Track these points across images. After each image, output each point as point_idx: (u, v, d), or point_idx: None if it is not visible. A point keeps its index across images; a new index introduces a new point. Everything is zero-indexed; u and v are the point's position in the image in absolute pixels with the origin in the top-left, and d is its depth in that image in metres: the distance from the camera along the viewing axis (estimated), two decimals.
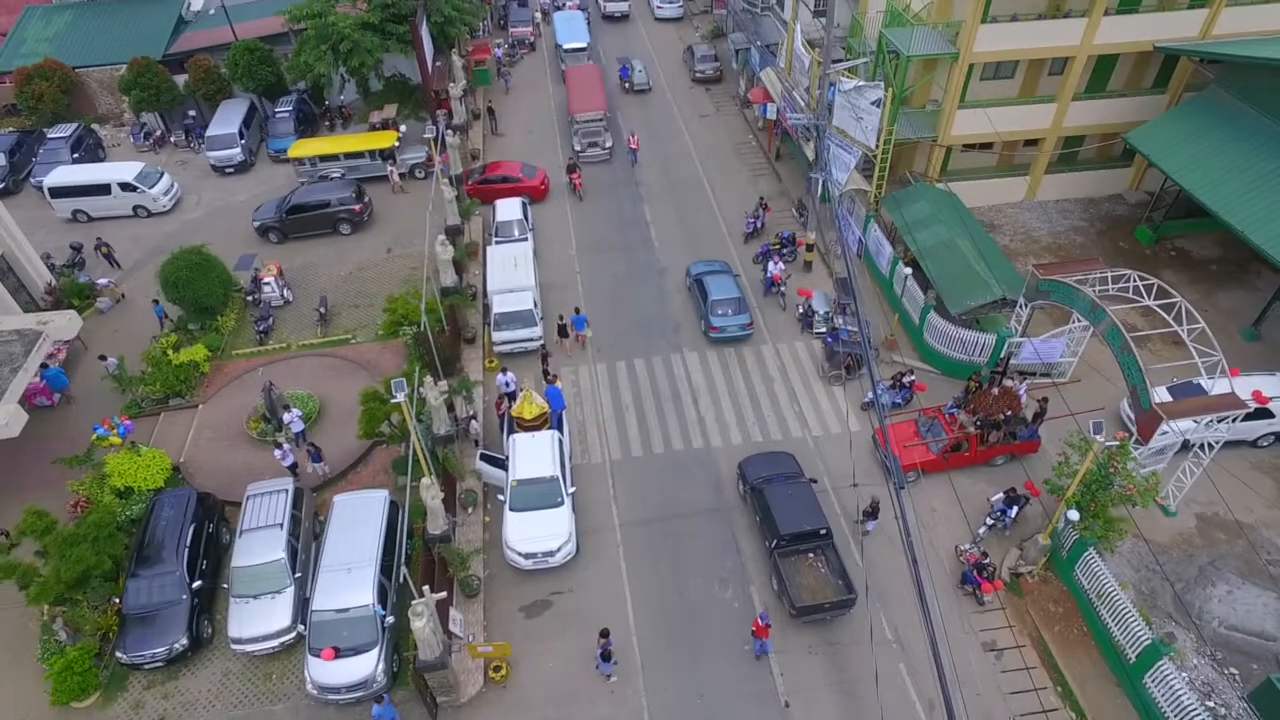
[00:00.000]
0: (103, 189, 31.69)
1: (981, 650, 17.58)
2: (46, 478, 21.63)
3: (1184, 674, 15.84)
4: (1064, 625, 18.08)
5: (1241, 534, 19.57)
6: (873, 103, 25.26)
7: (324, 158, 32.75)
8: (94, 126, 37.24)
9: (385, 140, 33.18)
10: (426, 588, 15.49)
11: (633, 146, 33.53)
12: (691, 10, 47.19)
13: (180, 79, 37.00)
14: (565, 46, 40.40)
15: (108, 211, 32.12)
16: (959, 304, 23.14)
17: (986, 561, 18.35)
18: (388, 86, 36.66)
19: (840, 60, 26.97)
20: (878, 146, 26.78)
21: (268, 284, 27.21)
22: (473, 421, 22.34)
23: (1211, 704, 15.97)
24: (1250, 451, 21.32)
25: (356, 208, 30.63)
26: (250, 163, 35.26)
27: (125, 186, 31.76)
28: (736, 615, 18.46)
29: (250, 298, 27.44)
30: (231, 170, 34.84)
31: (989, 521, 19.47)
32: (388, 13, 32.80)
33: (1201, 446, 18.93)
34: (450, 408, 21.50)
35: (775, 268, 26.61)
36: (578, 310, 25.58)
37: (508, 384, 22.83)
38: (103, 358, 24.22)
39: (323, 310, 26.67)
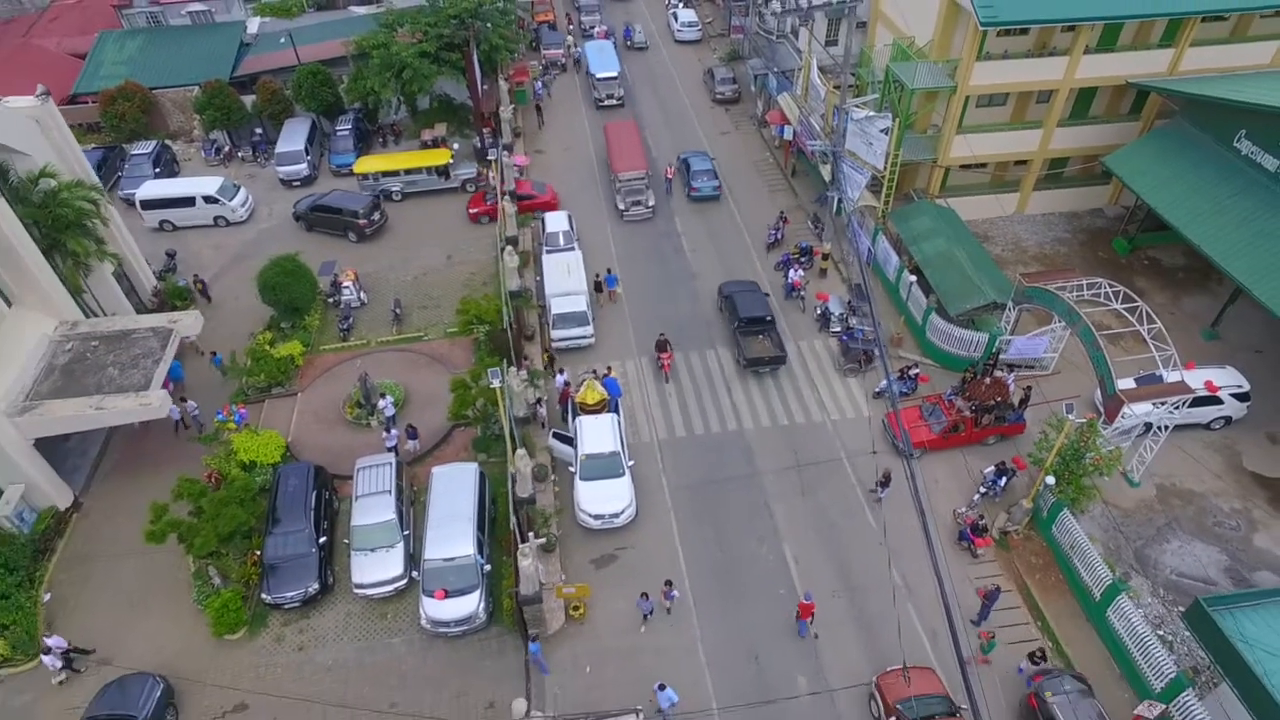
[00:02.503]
0: (188, 201, 35.23)
1: (975, 594, 21.24)
2: (171, 455, 25.29)
3: (1139, 609, 19.52)
4: (1043, 574, 21.79)
5: (1193, 501, 23.33)
6: (881, 130, 29.00)
7: (386, 173, 36.38)
8: (168, 143, 40.76)
9: (441, 157, 36.80)
10: (531, 534, 19.14)
11: (668, 177, 36.63)
12: (709, 33, 50.78)
13: (248, 99, 40.54)
14: (598, 75, 43.40)
15: (190, 221, 35.63)
16: (957, 306, 26.86)
17: (981, 522, 22.09)
18: (434, 106, 40.33)
19: (856, 97, 30.47)
20: (885, 168, 30.49)
21: (346, 288, 30.81)
22: (540, 406, 25.98)
23: (1161, 632, 19.64)
24: (1204, 433, 25.01)
25: (361, 221, 33.94)
26: (314, 176, 38.84)
27: (208, 199, 35.33)
28: (770, 566, 22.16)
29: (331, 300, 31.05)
30: (298, 183, 38.40)
31: (982, 490, 23.20)
32: (442, 42, 36.44)
33: (1160, 428, 22.66)
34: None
35: (795, 274, 30.33)
36: (609, 270, 31.07)
37: (565, 381, 26.53)
38: (209, 353, 27.84)
39: (398, 310, 30.31)
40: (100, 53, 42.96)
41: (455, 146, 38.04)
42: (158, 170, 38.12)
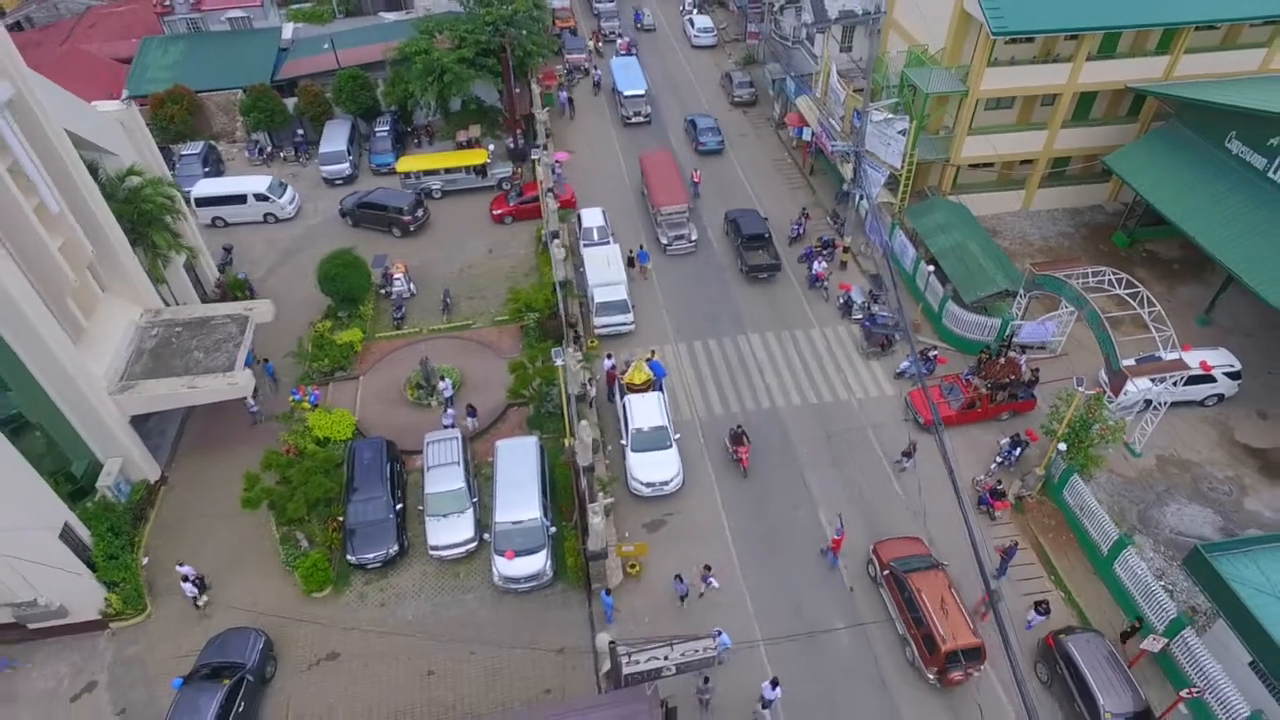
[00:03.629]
0: (239, 199, 37.18)
1: (995, 553, 23.39)
2: (241, 436, 27.29)
3: (1143, 561, 21.72)
4: (1055, 534, 24.00)
5: (1190, 469, 25.58)
6: (899, 131, 31.19)
7: (427, 172, 38.41)
8: (213, 143, 42.65)
9: (478, 157, 38.87)
10: (601, 493, 21.23)
11: (695, 180, 38.59)
12: (724, 38, 52.93)
13: (289, 102, 42.48)
14: (625, 93, 44.21)
15: (241, 218, 37.57)
16: (971, 294, 29.06)
17: (999, 487, 24.30)
18: (465, 108, 42.34)
19: (876, 102, 32.60)
20: (902, 167, 32.67)
21: (398, 279, 32.81)
22: (590, 386, 28.04)
23: (1162, 582, 21.83)
24: (1199, 409, 27.24)
25: (405, 218, 36.00)
26: (355, 175, 40.82)
27: (259, 196, 37.31)
28: (805, 528, 24.31)
29: (383, 291, 33.06)
30: (340, 182, 40.38)
31: (998, 459, 25.41)
32: (479, 48, 38.49)
33: (1160, 403, 24.89)
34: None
35: (819, 266, 32.51)
36: (641, 247, 34.53)
37: (611, 364, 28.62)
38: (261, 360, 29.67)
39: (447, 300, 32.34)
40: (145, 57, 44.81)
41: (491, 147, 40.08)
42: (206, 170, 40.04)
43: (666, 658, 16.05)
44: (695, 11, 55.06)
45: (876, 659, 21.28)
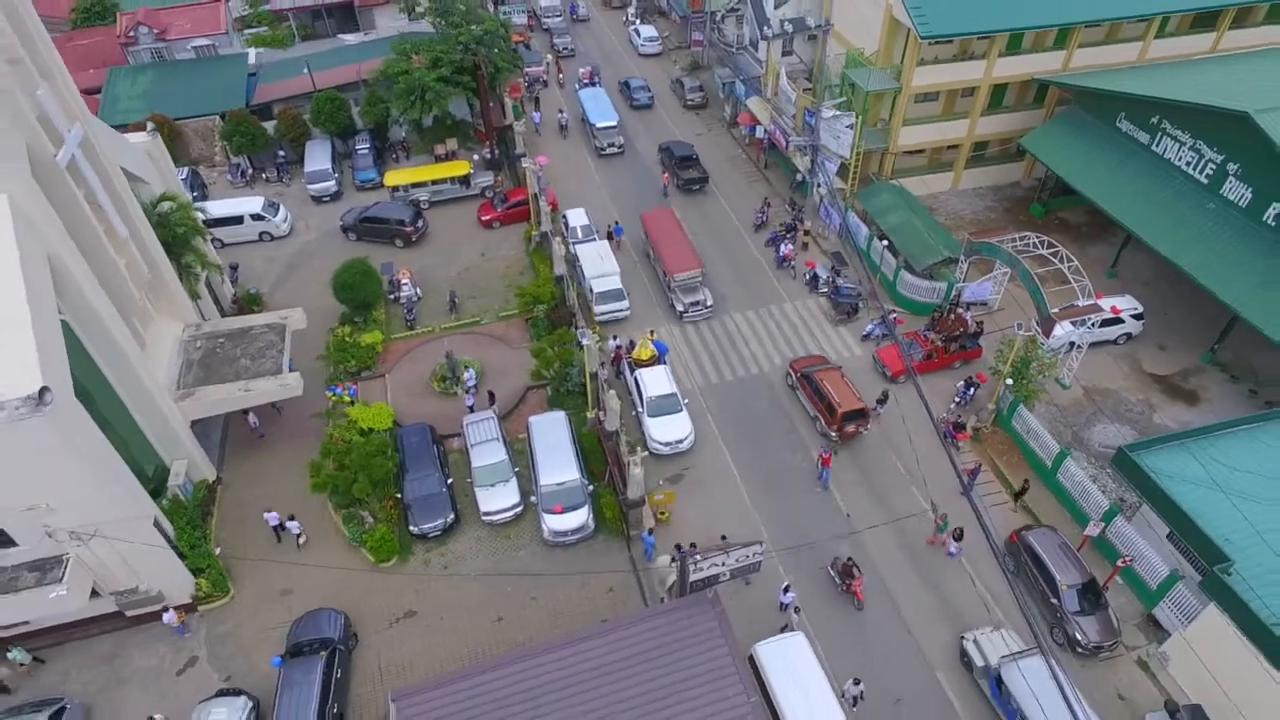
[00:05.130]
0: (236, 220, 39.05)
1: (965, 473, 27.80)
2: (278, 435, 29.69)
3: (1080, 469, 26.48)
4: (1008, 456, 28.68)
5: (1109, 396, 30.69)
6: (847, 126, 35.66)
7: (415, 185, 41.01)
8: (195, 169, 44.08)
9: (461, 168, 41.68)
10: (637, 447, 24.72)
11: (665, 182, 42.37)
12: (668, 46, 56.85)
13: (267, 125, 44.31)
14: (598, 125, 45.12)
15: (238, 238, 39.38)
16: (920, 263, 33.67)
17: (960, 421, 28.86)
18: (438, 124, 44.96)
19: (825, 101, 36.93)
20: (851, 156, 37.16)
21: (405, 284, 35.47)
22: (602, 366, 31.40)
23: (1098, 485, 26.64)
24: (1113, 347, 32.44)
25: (408, 229, 38.71)
26: (341, 192, 43.03)
27: (255, 217, 39.24)
28: (802, 469, 28.34)
29: (391, 296, 35.65)
30: (328, 199, 42.55)
31: (956, 400, 29.99)
32: (454, 67, 41.27)
33: (1081, 344, 29.87)
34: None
35: (785, 248, 36.70)
36: (616, 223, 39.10)
37: (617, 345, 32.09)
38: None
39: (454, 300, 35.18)
40: (115, 88, 45.78)
41: (475, 158, 42.91)
42: (195, 194, 41.51)
43: (723, 564, 19.69)
44: (638, 21, 58.85)
45: (874, 566, 25.43)
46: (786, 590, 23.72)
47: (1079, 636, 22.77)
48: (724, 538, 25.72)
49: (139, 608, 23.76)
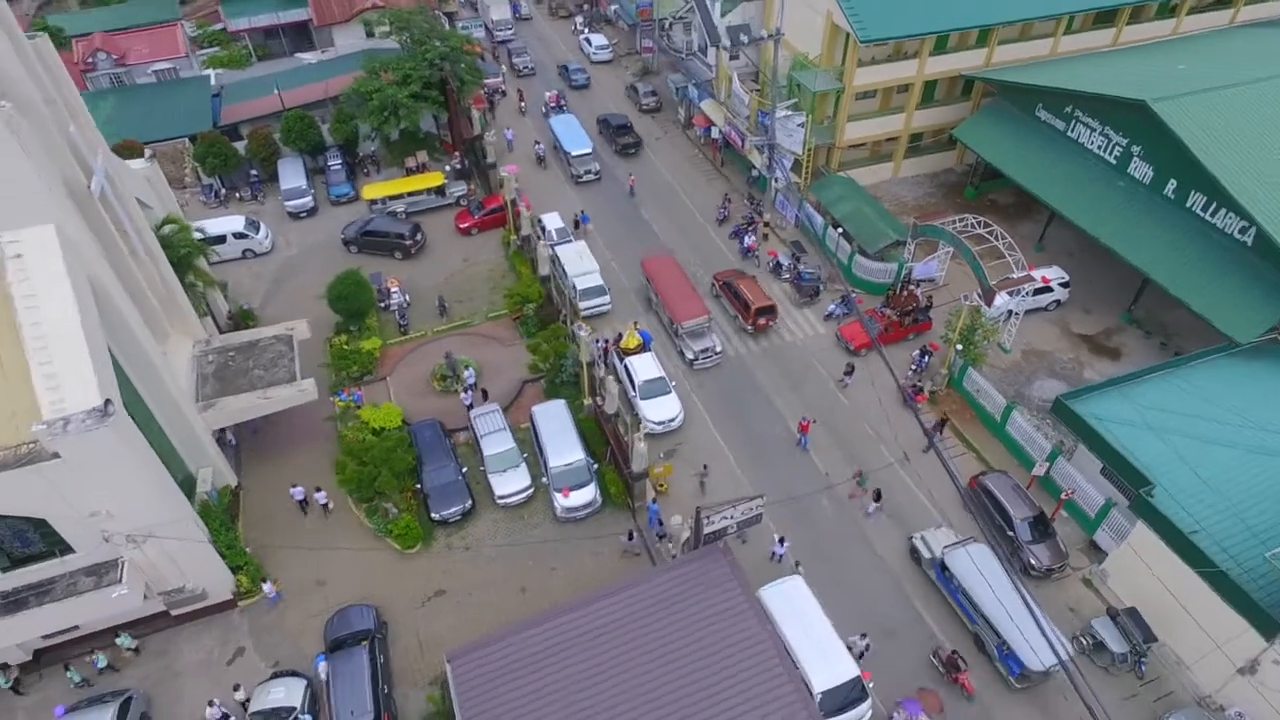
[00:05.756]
0: (220, 239, 40.13)
1: (920, 429, 31.24)
2: (289, 440, 31.32)
3: (1025, 420, 30.11)
4: (961, 414, 32.21)
5: (1045, 357, 34.55)
6: (798, 125, 38.87)
7: (392, 197, 42.71)
8: None
9: (436, 179, 43.55)
10: (639, 428, 27.31)
11: (631, 184, 44.87)
12: (618, 52, 59.45)
13: (238, 144, 45.34)
14: (573, 153, 45.31)
15: (221, 256, 40.43)
16: (872, 247, 37.09)
17: (919, 385, 32.28)
18: (408, 137, 46.65)
19: (777, 103, 40.00)
20: (803, 152, 40.40)
21: (394, 292, 37.28)
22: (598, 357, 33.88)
23: (1041, 432, 30.30)
24: (1044, 314, 36.35)
25: (408, 242, 40.54)
26: (317, 208, 44.40)
27: (238, 235, 40.44)
28: (782, 438, 31.35)
29: (382, 304, 37.40)
30: (305, 215, 43.90)
31: (913, 368, 33.42)
32: (423, 83, 43.09)
33: (1018, 312, 33.62)
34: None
35: (749, 240, 39.74)
36: (582, 212, 42.04)
37: (603, 344, 34.56)
38: None
39: (444, 305, 37.15)
40: None
41: (446, 169, 44.79)
42: None
43: (731, 516, 22.46)
44: (587, 30, 61.30)
45: (855, 521, 28.59)
46: (781, 542, 26.67)
47: (1033, 562, 26.32)
48: (705, 467, 29.02)
49: (185, 606, 25.34)
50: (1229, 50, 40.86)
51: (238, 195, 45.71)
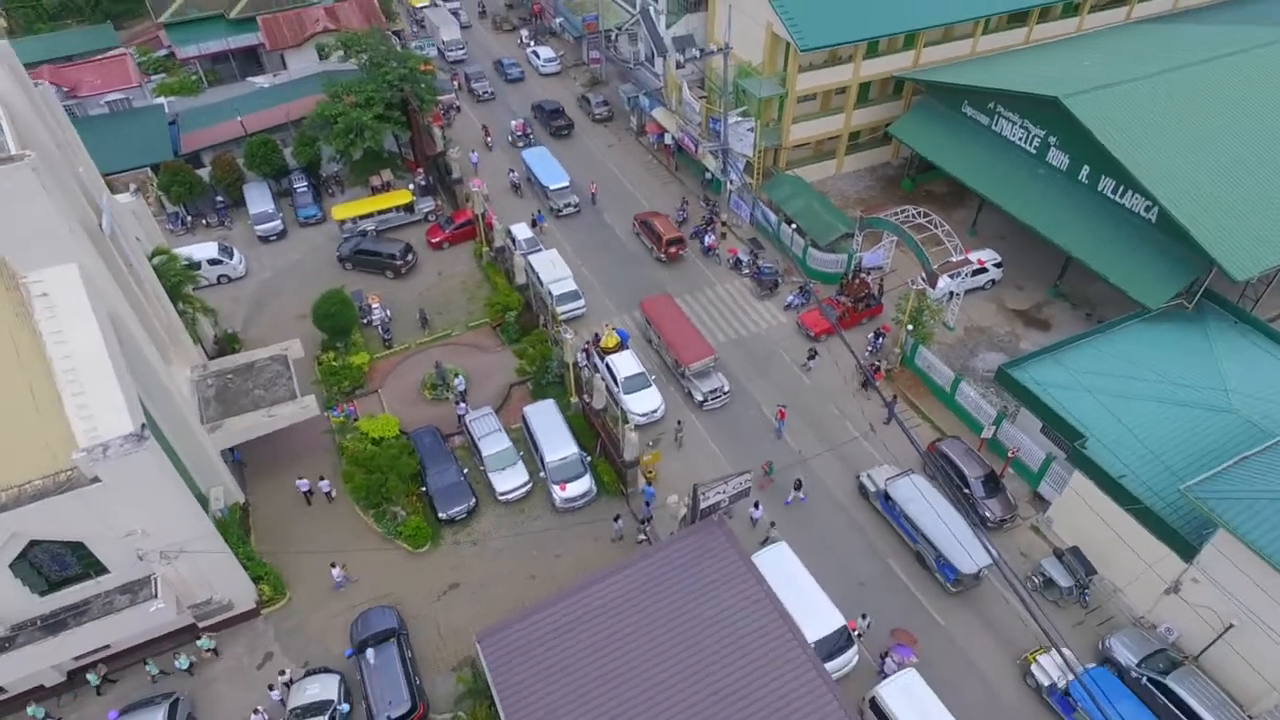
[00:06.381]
0: (195, 265, 40.82)
1: (879, 404, 34.27)
2: (289, 456, 32.62)
3: (972, 389, 33.38)
4: (915, 389, 35.39)
5: (985, 332, 38.04)
6: (748, 129, 41.64)
7: (362, 216, 43.98)
8: None
9: (404, 197, 44.97)
10: (629, 420, 29.54)
11: (593, 192, 47.08)
12: (566, 64, 61.45)
13: (202, 172, 45.93)
14: (551, 187, 45.54)
15: (197, 283, 41.14)
16: (824, 240, 40.10)
17: (876, 364, 35.35)
18: (371, 156, 47.87)
19: (728, 110, 42.67)
20: (754, 154, 43.19)
21: (376, 308, 38.73)
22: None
23: (986, 400, 33.57)
24: (982, 292, 39.91)
25: (399, 263, 41.96)
26: (286, 230, 45.34)
27: (212, 261, 41.24)
28: (757, 421, 34.03)
29: (364, 320, 38.79)
30: (274, 238, 44.81)
31: (869, 349, 36.50)
32: (385, 104, 44.46)
33: (958, 292, 36.99)
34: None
35: (710, 239, 42.36)
36: (539, 212, 45.14)
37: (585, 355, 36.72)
38: None
39: (424, 317, 38.76)
40: None
41: (412, 186, 46.23)
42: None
43: (724, 491, 24.94)
44: (534, 43, 63.14)
45: (829, 489, 31.43)
46: (756, 506, 29.34)
47: (987, 514, 29.54)
48: (679, 423, 32.37)
49: (212, 617, 26.61)
50: (1127, 46, 45.15)
51: (204, 222, 46.30)
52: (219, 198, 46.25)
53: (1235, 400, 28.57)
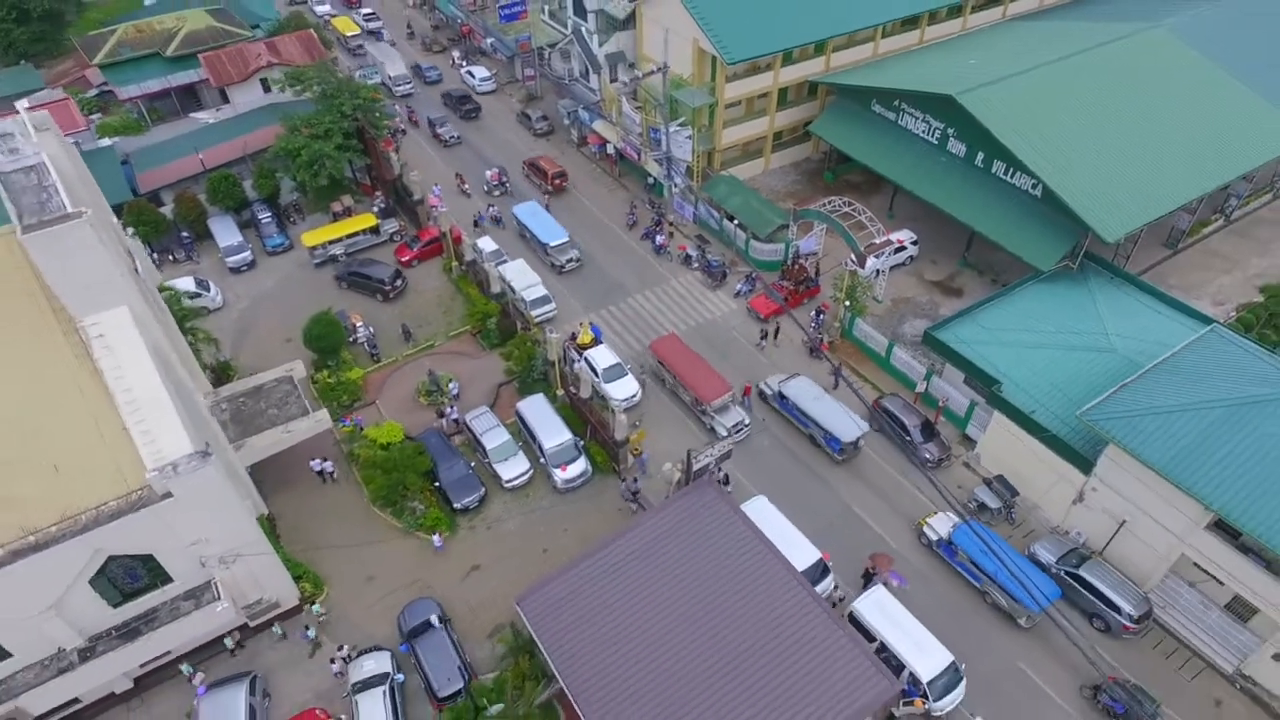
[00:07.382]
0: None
1: (829, 371, 39.18)
2: (299, 471, 35.32)
3: (904, 352, 38.65)
4: (856, 357, 40.51)
5: (909, 302, 43.55)
6: (687, 137, 46.06)
7: (331, 241, 46.33)
8: None
9: (368, 221, 47.49)
10: (617, 405, 33.44)
11: (546, 205, 50.44)
12: (500, 82, 64.51)
13: (164, 209, 47.28)
14: (550, 244, 45.41)
15: (202, 315, 42.68)
16: (762, 232, 44.89)
17: (819, 337, 40.32)
18: (332, 184, 49.98)
19: (674, 121, 46.88)
20: (693, 159, 47.61)
21: (360, 327, 41.40)
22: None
23: (917, 360, 38.80)
24: (903, 269, 45.46)
25: (387, 287, 44.40)
26: (255, 261, 47.22)
27: (191, 295, 42.85)
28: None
29: (350, 338, 41.39)
30: (245, 269, 46.66)
31: (813, 325, 41.46)
32: (343, 133, 46.87)
33: (884, 270, 42.30)
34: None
35: (660, 238, 46.60)
36: (489, 206, 48.54)
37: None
38: None
39: (408, 331, 41.66)
40: None
41: (375, 209, 48.78)
42: None
43: (711, 455, 29.20)
44: (466, 63, 65.95)
45: (797, 455, 36.12)
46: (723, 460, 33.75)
47: (926, 456, 34.80)
48: (643, 368, 36.52)
49: (262, 616, 29.27)
50: (1004, 44, 51.62)
51: (171, 258, 47.64)
52: (184, 234, 47.68)
53: (1115, 342, 34.57)
